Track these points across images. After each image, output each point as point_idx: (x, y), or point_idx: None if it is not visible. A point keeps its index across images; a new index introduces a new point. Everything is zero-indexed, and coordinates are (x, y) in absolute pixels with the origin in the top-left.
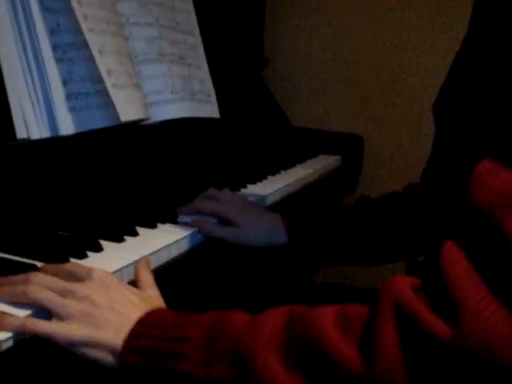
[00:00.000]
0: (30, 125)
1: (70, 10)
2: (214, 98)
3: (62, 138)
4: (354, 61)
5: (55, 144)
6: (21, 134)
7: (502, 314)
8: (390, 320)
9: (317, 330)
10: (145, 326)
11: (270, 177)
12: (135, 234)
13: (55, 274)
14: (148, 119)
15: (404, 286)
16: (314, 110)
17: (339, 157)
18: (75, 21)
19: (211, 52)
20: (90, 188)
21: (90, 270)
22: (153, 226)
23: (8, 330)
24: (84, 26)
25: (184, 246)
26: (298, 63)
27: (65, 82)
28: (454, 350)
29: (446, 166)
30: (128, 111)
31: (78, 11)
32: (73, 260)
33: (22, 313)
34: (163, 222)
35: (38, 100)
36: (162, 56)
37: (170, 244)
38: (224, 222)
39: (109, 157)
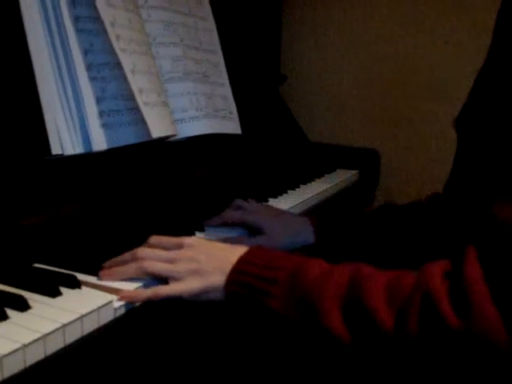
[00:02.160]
0: (64, 141)
1: (104, 31)
2: (235, 114)
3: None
4: (370, 76)
5: (86, 159)
6: (56, 150)
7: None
8: (417, 303)
9: (367, 296)
10: (243, 264)
11: (290, 191)
12: None
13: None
14: (175, 136)
15: (435, 274)
16: (331, 126)
17: (356, 171)
18: (108, 41)
19: (232, 69)
20: (122, 200)
21: (181, 239)
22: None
23: (142, 300)
24: (117, 47)
25: None
26: (314, 79)
27: (98, 100)
28: (462, 338)
29: (468, 179)
30: (158, 128)
31: (111, 32)
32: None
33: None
34: (191, 234)
35: (72, 117)
36: (186, 74)
37: None
38: (252, 230)
39: (137, 171)
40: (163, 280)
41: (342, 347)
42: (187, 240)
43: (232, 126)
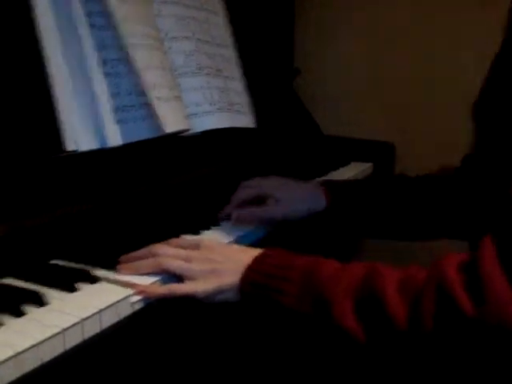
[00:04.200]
0: (79, 137)
1: (116, 26)
2: (249, 108)
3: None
4: (384, 69)
5: (100, 155)
6: (70, 146)
7: None
8: (431, 296)
9: (381, 291)
10: (257, 264)
11: None
12: None
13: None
14: (189, 130)
15: (450, 265)
16: (345, 119)
17: (371, 164)
18: (120, 37)
19: (245, 63)
20: (137, 196)
21: (197, 240)
22: (196, 233)
23: (157, 296)
24: (128, 42)
25: None
26: (328, 72)
27: (112, 96)
28: (477, 325)
29: (486, 162)
30: (171, 123)
31: (123, 27)
32: None
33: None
34: (206, 228)
35: (86, 113)
36: (199, 69)
37: None
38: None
39: (152, 166)
40: (180, 277)
41: (354, 343)
42: (204, 241)
43: (246, 120)
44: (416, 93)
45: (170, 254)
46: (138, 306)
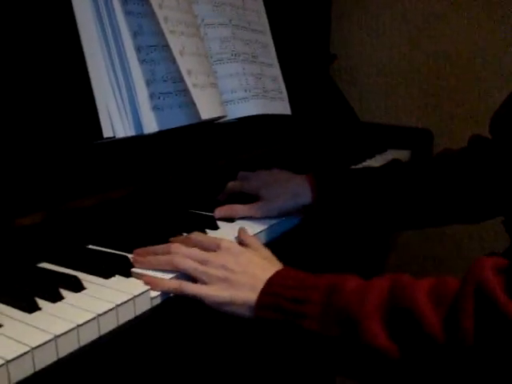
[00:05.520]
0: (115, 124)
1: (152, 13)
2: (285, 95)
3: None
4: (423, 54)
5: (137, 142)
6: (107, 133)
7: None
8: (470, 300)
9: (412, 302)
10: (273, 286)
11: None
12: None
13: (190, 245)
14: (225, 117)
15: (486, 267)
16: (383, 105)
17: (408, 151)
18: (157, 23)
19: (281, 49)
20: (172, 182)
21: (218, 241)
22: (231, 221)
23: (166, 290)
24: (165, 28)
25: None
26: (365, 58)
27: (148, 83)
28: None
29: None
30: (207, 110)
31: (160, 14)
32: None
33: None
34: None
35: (123, 100)
36: (235, 55)
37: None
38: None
39: (187, 153)
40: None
41: (388, 362)
42: (225, 243)
43: (281, 107)
44: (455, 79)
45: (185, 253)
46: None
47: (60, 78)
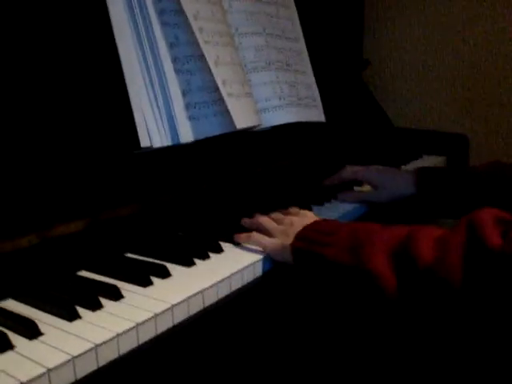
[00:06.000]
0: (152, 134)
1: (187, 23)
2: (319, 102)
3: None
4: (456, 59)
5: (174, 151)
6: (144, 142)
7: None
8: (462, 232)
9: (416, 239)
10: (312, 224)
11: None
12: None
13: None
14: (260, 126)
15: (486, 214)
16: (417, 111)
17: (444, 157)
18: (192, 34)
19: (314, 56)
20: (210, 191)
21: (298, 210)
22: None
23: (239, 241)
24: (200, 39)
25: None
26: (398, 63)
27: (184, 93)
28: (502, 259)
29: None
30: (242, 119)
31: (195, 25)
32: (196, 260)
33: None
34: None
35: (159, 110)
36: (269, 64)
37: None
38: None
39: (223, 162)
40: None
41: (385, 298)
42: (295, 209)
43: (315, 114)
44: (492, 83)
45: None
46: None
47: (99, 89)
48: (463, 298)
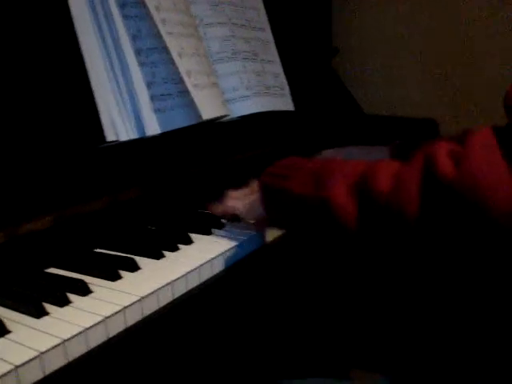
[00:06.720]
0: (118, 127)
1: (150, 15)
2: (287, 91)
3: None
4: (427, 45)
5: (141, 144)
6: (110, 136)
7: (498, 162)
8: (418, 163)
9: (375, 172)
10: (278, 161)
11: None
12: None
13: None
14: (227, 116)
15: (440, 146)
16: (387, 97)
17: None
18: (155, 26)
19: (282, 45)
20: (177, 183)
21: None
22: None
23: (216, 213)
24: (163, 30)
25: None
26: (367, 50)
27: (148, 85)
28: (454, 188)
29: None
30: (209, 109)
31: (157, 16)
32: (165, 253)
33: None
34: None
35: (124, 104)
36: (235, 54)
37: None
38: None
39: (190, 153)
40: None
41: (345, 231)
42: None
43: (284, 103)
44: (462, 70)
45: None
46: (178, 293)
47: (61, 83)
48: (418, 231)
